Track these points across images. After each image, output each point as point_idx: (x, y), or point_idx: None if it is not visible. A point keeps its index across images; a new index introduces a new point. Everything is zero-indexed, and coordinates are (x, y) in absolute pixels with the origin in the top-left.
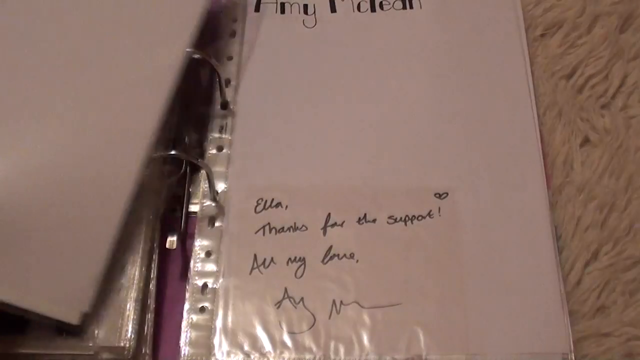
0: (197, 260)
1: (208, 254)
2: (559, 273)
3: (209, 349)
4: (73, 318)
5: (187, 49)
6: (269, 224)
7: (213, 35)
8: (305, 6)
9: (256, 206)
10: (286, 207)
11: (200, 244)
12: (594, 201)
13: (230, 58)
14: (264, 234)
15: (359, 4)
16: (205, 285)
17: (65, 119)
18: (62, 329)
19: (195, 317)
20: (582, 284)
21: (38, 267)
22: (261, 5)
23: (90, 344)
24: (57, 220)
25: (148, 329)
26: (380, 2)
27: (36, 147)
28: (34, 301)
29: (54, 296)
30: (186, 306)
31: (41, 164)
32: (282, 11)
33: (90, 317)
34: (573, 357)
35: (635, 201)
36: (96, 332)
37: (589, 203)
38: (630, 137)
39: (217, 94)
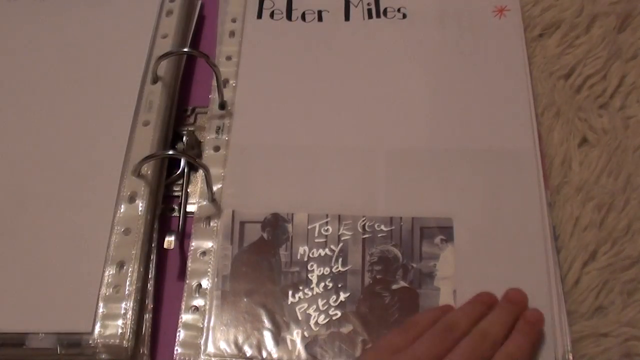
0: (193, 260)
1: (203, 254)
2: (557, 273)
3: (198, 350)
4: (87, 327)
5: (186, 49)
6: None
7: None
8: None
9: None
10: None
11: (195, 244)
12: (592, 201)
13: (229, 58)
14: None
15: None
16: (199, 286)
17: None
18: (63, 341)
19: (185, 317)
20: (581, 284)
21: (43, 291)
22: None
23: (89, 344)
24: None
25: (146, 329)
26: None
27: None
28: (46, 324)
29: (65, 314)
30: (181, 306)
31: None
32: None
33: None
34: (571, 357)
35: (634, 201)
36: (95, 332)
37: (587, 203)
38: (628, 137)
39: (216, 94)
